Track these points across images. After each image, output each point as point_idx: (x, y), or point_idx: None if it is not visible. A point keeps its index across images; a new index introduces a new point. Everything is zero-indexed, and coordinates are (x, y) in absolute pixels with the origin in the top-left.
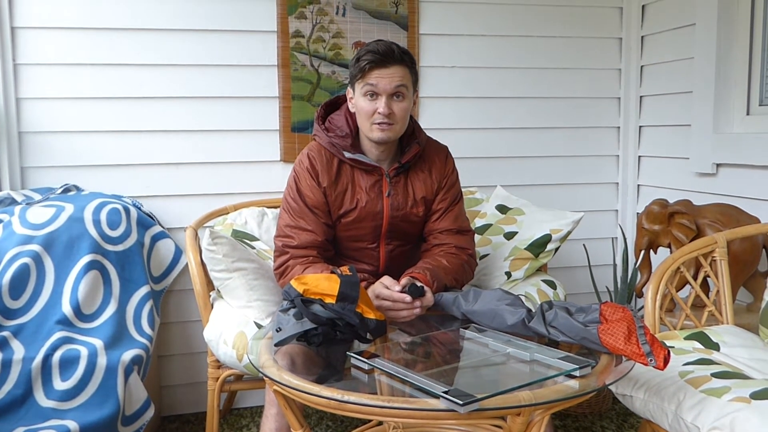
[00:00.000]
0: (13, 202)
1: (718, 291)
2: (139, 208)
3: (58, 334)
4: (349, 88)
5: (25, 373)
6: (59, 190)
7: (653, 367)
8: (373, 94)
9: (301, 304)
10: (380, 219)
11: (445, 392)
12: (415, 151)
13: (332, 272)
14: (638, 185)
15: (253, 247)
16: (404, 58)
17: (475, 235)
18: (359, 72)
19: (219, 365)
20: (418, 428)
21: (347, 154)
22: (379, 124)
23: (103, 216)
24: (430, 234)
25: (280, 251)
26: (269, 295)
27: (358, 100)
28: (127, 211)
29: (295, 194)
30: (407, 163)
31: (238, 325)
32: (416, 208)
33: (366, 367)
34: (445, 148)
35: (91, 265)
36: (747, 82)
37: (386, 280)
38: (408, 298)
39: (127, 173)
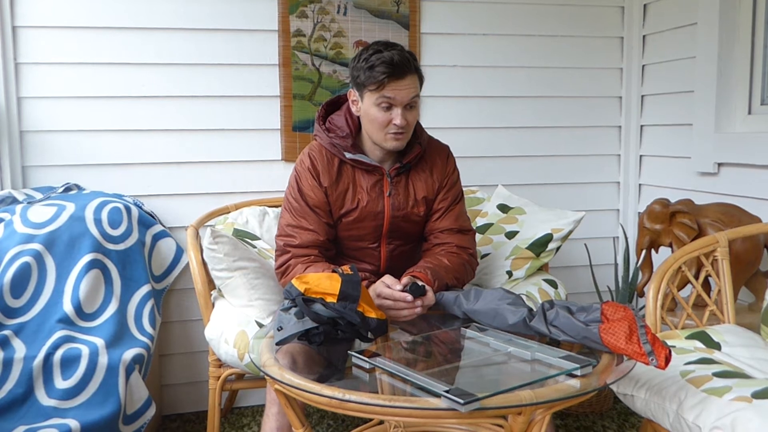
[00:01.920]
0: (15, 201)
1: (719, 290)
2: (140, 207)
3: (60, 333)
4: (352, 90)
5: (26, 372)
6: (60, 189)
7: (654, 366)
8: (389, 106)
9: (303, 303)
10: (381, 219)
11: (447, 391)
12: (417, 152)
13: (333, 271)
14: (639, 184)
15: (255, 246)
16: (415, 66)
17: (477, 234)
18: (375, 84)
19: (220, 364)
20: (420, 427)
21: (348, 155)
22: (394, 134)
23: (104, 215)
24: (431, 233)
25: (282, 250)
26: (270, 294)
27: (369, 109)
28: (128, 210)
29: (297, 194)
30: (408, 163)
31: (239, 324)
32: (417, 208)
33: (367, 366)
34: (447, 147)
35: (92, 264)
36: (749, 81)
37: (387, 279)
38: (409, 297)
39: (128, 172)
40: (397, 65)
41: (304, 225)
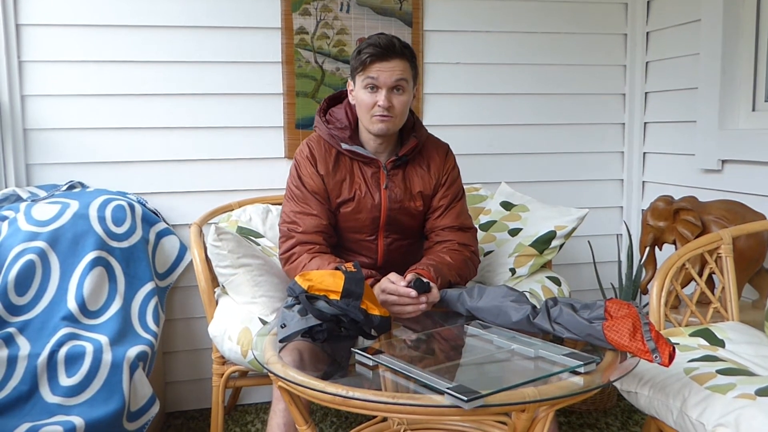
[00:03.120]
0: (19, 199)
1: (723, 288)
2: (144, 205)
3: (64, 331)
4: (349, 80)
5: (30, 369)
6: (64, 187)
7: (658, 363)
8: (374, 87)
9: (306, 301)
10: (378, 211)
11: (450, 388)
12: (413, 145)
13: (337, 268)
14: (643, 182)
15: (258, 244)
16: (405, 52)
17: (480, 231)
18: (360, 65)
19: (224, 361)
20: (423, 424)
21: (344, 146)
22: (379, 116)
23: (108, 213)
24: (432, 231)
25: (287, 236)
26: (274, 292)
27: (358, 93)
28: (131, 207)
29: (298, 181)
30: (405, 156)
31: (243, 322)
32: (414, 202)
33: (370, 363)
34: (446, 145)
35: (96, 262)
36: (753, 78)
37: (392, 275)
38: (413, 292)
39: (131, 170)
40: (382, 47)
41: (306, 210)
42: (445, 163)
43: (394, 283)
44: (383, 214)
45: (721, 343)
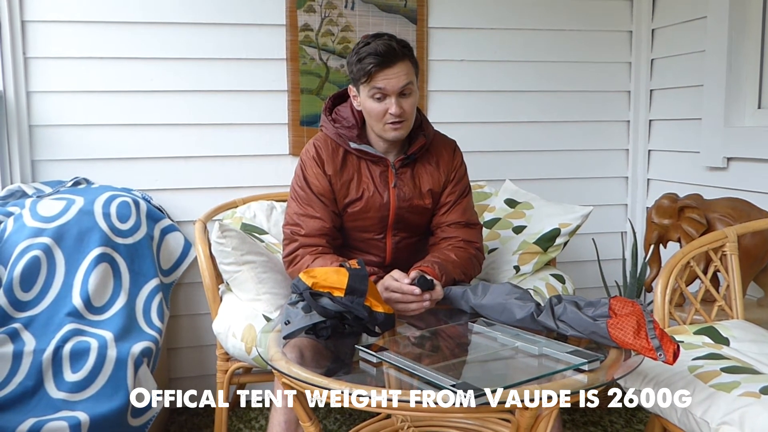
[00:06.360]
0: (24, 195)
1: (728, 286)
2: (149, 202)
3: (69, 326)
4: (351, 86)
5: (36, 365)
6: (69, 183)
7: (662, 361)
8: (383, 96)
9: (310, 297)
10: (386, 210)
11: (454, 386)
12: (421, 143)
13: (341, 266)
14: (648, 179)
15: (262, 241)
16: (405, 53)
17: (484, 229)
18: (364, 75)
19: (228, 358)
20: (427, 421)
21: (353, 145)
22: (392, 123)
23: (113, 209)
24: (438, 227)
25: (290, 239)
26: (278, 288)
27: (365, 102)
28: (136, 204)
29: (303, 182)
30: (413, 154)
31: (247, 318)
32: (423, 200)
33: (374, 360)
34: (453, 141)
35: (101, 258)
36: (758, 75)
37: (396, 273)
38: (417, 290)
39: (136, 166)
40: (383, 55)
41: (310, 213)
42: (454, 160)
43: (398, 281)
44: (392, 212)
45: (725, 341)
